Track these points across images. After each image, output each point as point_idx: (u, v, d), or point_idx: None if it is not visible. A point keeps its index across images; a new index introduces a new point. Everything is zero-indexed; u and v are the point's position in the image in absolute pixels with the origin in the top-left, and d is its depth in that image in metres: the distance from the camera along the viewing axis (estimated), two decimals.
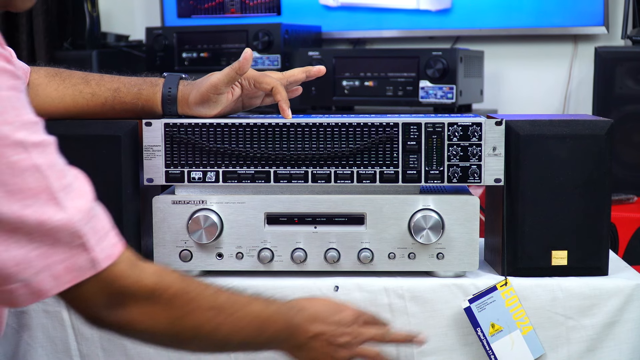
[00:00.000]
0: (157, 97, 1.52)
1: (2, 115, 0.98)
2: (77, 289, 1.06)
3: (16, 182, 0.99)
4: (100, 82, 1.53)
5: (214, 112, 1.51)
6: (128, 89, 1.53)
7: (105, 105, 1.52)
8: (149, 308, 1.12)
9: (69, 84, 1.52)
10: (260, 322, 1.22)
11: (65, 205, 1.03)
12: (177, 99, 1.52)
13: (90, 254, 1.05)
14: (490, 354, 1.47)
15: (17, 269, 1.02)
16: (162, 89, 1.52)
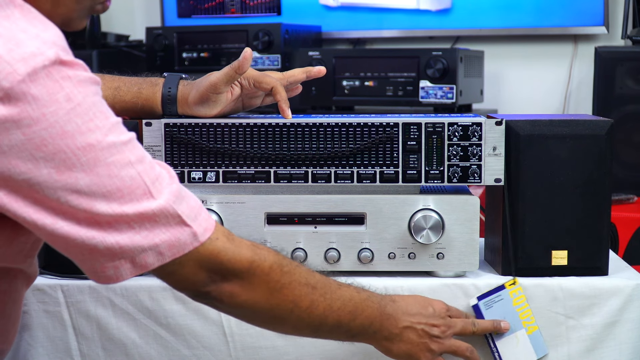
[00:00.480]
0: (156, 97, 1.53)
1: (93, 121, 1.05)
2: (180, 267, 1.13)
3: (114, 182, 1.06)
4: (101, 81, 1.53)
5: (213, 112, 1.51)
6: (128, 88, 1.53)
7: None
8: (248, 281, 1.18)
9: None
10: (354, 305, 1.28)
11: (159, 193, 1.09)
12: (176, 98, 1.52)
13: (190, 228, 1.11)
14: (495, 352, 1.47)
15: (122, 250, 1.08)
16: (162, 88, 1.52)
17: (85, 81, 1.05)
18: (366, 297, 1.32)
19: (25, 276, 1.25)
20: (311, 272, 1.25)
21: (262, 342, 1.51)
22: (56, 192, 1.03)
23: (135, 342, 1.52)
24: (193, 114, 1.52)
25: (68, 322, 1.52)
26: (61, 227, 1.05)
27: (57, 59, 1.02)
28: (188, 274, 1.14)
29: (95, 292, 1.51)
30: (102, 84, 1.53)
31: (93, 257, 1.08)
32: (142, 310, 1.51)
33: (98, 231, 1.07)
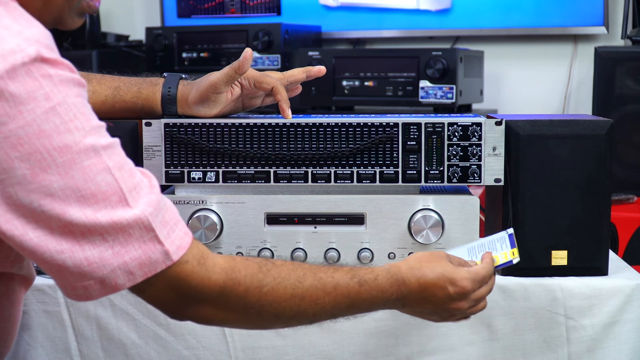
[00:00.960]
0: (156, 97, 1.52)
1: (72, 121, 1.01)
2: (149, 286, 1.08)
3: (89, 186, 1.02)
4: (101, 81, 1.54)
5: (213, 112, 1.51)
6: (128, 87, 1.53)
7: (105, 103, 1.53)
8: (220, 305, 1.13)
9: None
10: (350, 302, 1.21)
11: (136, 202, 1.05)
12: (176, 98, 1.52)
13: (163, 247, 1.07)
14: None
15: (91, 268, 1.04)
16: (161, 88, 1.52)
17: (67, 81, 1.02)
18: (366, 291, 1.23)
19: (22, 279, 1.24)
20: (300, 280, 1.18)
21: (262, 342, 1.51)
22: (29, 195, 1.00)
23: (135, 342, 1.52)
24: (193, 113, 1.52)
25: (68, 322, 1.52)
26: (30, 239, 1.02)
27: (38, 56, 0.99)
28: (158, 294, 1.10)
29: None
30: (102, 84, 1.53)
31: (62, 275, 1.05)
32: (142, 310, 1.51)
33: (69, 243, 1.03)
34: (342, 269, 1.22)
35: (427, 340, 1.51)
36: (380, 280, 1.23)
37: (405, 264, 1.26)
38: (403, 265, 1.26)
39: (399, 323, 1.51)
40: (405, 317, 1.50)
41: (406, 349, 1.51)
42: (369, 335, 1.51)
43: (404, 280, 1.25)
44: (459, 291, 1.26)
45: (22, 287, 1.26)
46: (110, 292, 1.06)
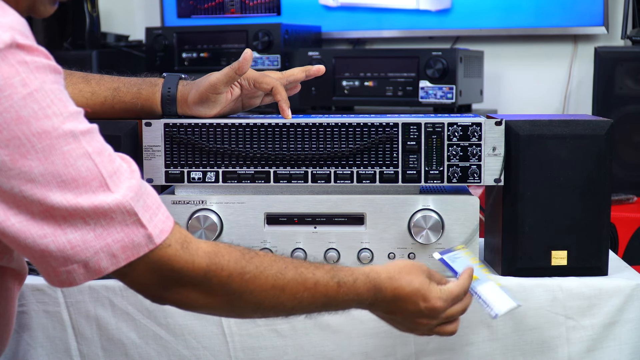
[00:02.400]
0: (156, 97, 1.52)
1: (50, 107, 1.02)
2: (132, 270, 1.09)
3: (69, 171, 1.03)
4: (100, 82, 1.54)
5: (213, 112, 1.51)
6: (128, 88, 1.53)
7: (104, 104, 1.53)
8: (202, 289, 1.13)
9: (69, 82, 1.53)
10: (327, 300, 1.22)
11: (117, 187, 1.06)
12: (176, 98, 1.52)
13: (146, 230, 1.07)
14: (477, 295, 1.37)
15: (74, 251, 1.04)
16: (161, 88, 1.52)
17: (43, 67, 1.02)
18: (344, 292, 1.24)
19: (14, 273, 1.24)
20: (282, 272, 1.18)
21: (262, 342, 1.51)
22: (10, 181, 1.00)
23: (135, 342, 1.52)
24: (192, 114, 1.52)
25: (67, 322, 1.52)
26: (12, 224, 1.02)
27: (13, 42, 0.99)
28: (140, 277, 1.10)
29: (95, 292, 1.51)
30: (101, 85, 1.53)
31: (45, 260, 1.05)
32: (142, 310, 1.51)
33: (51, 227, 1.03)
34: (323, 267, 1.23)
35: (427, 340, 1.51)
36: (359, 284, 1.25)
37: (385, 272, 1.28)
38: (383, 273, 1.28)
39: None
40: None
41: (406, 349, 1.51)
42: (369, 336, 1.51)
43: (380, 288, 1.26)
44: (430, 308, 1.28)
45: (15, 283, 1.25)
46: (94, 277, 1.06)
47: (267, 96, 1.57)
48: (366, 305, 1.27)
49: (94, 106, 1.53)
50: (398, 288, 1.27)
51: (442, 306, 1.29)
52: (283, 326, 1.51)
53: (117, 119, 1.53)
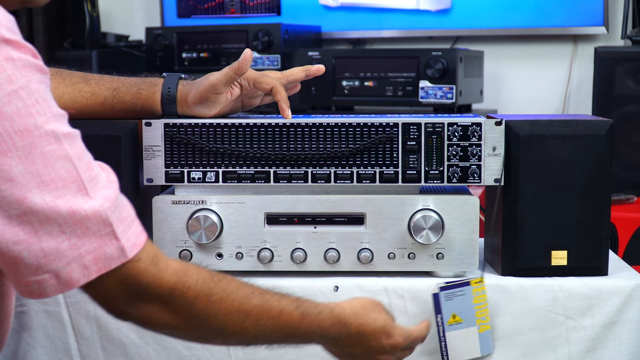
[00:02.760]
0: (156, 97, 1.52)
1: (34, 106, 1.00)
2: (100, 282, 1.07)
3: (49, 172, 1.01)
4: (100, 82, 1.54)
5: (212, 112, 1.51)
6: (127, 88, 1.53)
7: (104, 104, 1.53)
8: (167, 307, 1.12)
9: (69, 82, 1.53)
10: (291, 331, 1.21)
11: (94, 194, 1.04)
12: (176, 98, 1.52)
13: (119, 242, 1.06)
14: (442, 341, 1.48)
15: (47, 260, 1.03)
16: (161, 88, 1.52)
17: (30, 66, 1.01)
18: (308, 325, 1.23)
19: None
20: (248, 297, 1.17)
21: None
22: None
23: (135, 342, 1.52)
24: (192, 114, 1.52)
25: (68, 322, 1.52)
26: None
27: (1, 38, 0.98)
28: (107, 290, 1.09)
29: None
30: (101, 85, 1.53)
31: (16, 268, 1.04)
32: None
33: (26, 234, 1.02)
34: (289, 297, 1.23)
35: (427, 340, 1.50)
36: (323, 317, 1.25)
37: (350, 308, 1.29)
38: (348, 309, 1.28)
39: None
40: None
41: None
42: None
43: (345, 323, 1.27)
44: (392, 344, 1.31)
45: None
46: (64, 289, 1.05)
47: (267, 96, 1.57)
48: (328, 339, 1.27)
49: (93, 106, 1.53)
50: (363, 324, 1.28)
51: (403, 343, 1.32)
52: None
53: (117, 119, 1.53)
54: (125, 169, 1.51)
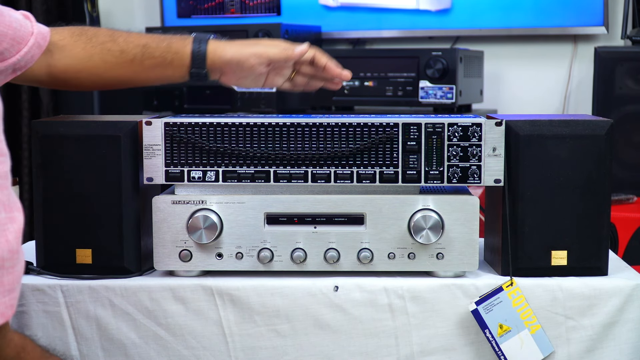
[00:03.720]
0: (186, 50, 1.52)
1: None
2: None
3: None
4: (128, 39, 1.52)
5: (240, 82, 1.52)
6: (157, 43, 1.52)
7: (133, 61, 1.52)
8: None
9: (96, 42, 1.51)
10: None
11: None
12: (206, 55, 1.51)
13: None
14: (500, 354, 1.47)
15: None
16: (191, 43, 1.52)
17: None
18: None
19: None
20: None
21: (262, 342, 1.51)
22: None
23: (135, 343, 1.52)
24: (223, 74, 1.52)
25: (67, 322, 1.52)
26: None
27: None
28: None
29: (95, 292, 1.51)
30: (130, 43, 1.51)
31: None
32: (142, 310, 1.51)
33: None
34: None
35: (427, 340, 1.51)
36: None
37: None
38: None
39: (398, 323, 1.51)
40: (406, 317, 1.50)
41: (406, 349, 1.51)
42: (369, 335, 1.51)
43: None
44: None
45: None
46: None
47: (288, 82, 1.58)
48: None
49: (123, 64, 1.52)
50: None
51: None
52: (283, 326, 1.51)
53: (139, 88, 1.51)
54: (125, 168, 1.51)
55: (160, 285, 1.51)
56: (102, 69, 1.51)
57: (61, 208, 1.52)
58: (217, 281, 1.51)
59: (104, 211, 1.51)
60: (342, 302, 1.50)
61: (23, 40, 1.42)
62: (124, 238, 1.52)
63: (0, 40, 1.37)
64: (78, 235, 1.52)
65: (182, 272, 1.53)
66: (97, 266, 1.53)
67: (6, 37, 1.37)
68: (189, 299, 1.50)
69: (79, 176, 1.51)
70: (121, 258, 1.53)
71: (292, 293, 1.50)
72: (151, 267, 1.55)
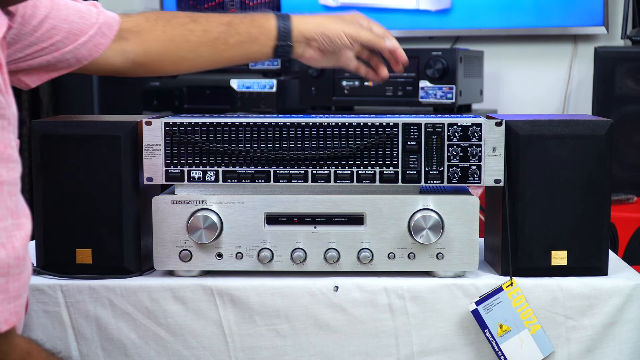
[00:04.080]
0: (271, 24, 1.51)
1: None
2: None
3: None
4: (209, 19, 1.52)
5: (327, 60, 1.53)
6: (240, 19, 1.51)
7: (218, 39, 1.51)
8: None
9: (176, 24, 1.50)
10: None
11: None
12: (291, 27, 1.51)
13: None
14: (500, 354, 1.47)
15: None
16: (275, 17, 1.51)
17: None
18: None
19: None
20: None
21: (262, 342, 1.51)
22: None
23: (135, 343, 1.52)
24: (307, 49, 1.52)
25: (67, 322, 1.52)
26: None
27: None
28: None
29: (95, 292, 1.51)
30: (211, 22, 1.51)
31: None
32: (142, 310, 1.51)
33: None
34: None
35: (427, 340, 1.51)
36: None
37: None
38: None
39: (399, 323, 1.51)
40: (405, 317, 1.50)
41: (406, 349, 1.51)
42: (369, 335, 1.51)
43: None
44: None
45: None
46: None
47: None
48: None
49: (207, 42, 1.51)
50: None
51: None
52: (283, 326, 1.51)
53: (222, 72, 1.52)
54: (125, 168, 1.51)
55: (160, 285, 1.51)
56: (185, 49, 1.50)
57: (61, 208, 1.52)
58: (217, 281, 1.51)
59: (104, 211, 1.51)
60: (342, 302, 1.50)
61: (81, 31, 1.42)
62: (124, 238, 1.52)
63: (54, 33, 1.38)
64: (78, 235, 1.52)
65: (182, 272, 1.53)
66: (97, 266, 1.53)
67: (61, 30, 1.39)
68: (189, 299, 1.50)
69: (79, 176, 1.51)
70: (121, 258, 1.53)
71: (292, 293, 1.50)
72: (151, 267, 1.55)
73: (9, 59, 1.37)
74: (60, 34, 1.40)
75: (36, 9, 1.36)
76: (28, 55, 1.39)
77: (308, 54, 1.54)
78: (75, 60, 1.43)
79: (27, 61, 1.39)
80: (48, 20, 1.38)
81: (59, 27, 1.39)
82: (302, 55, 1.54)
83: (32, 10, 1.35)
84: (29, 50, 1.38)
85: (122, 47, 1.48)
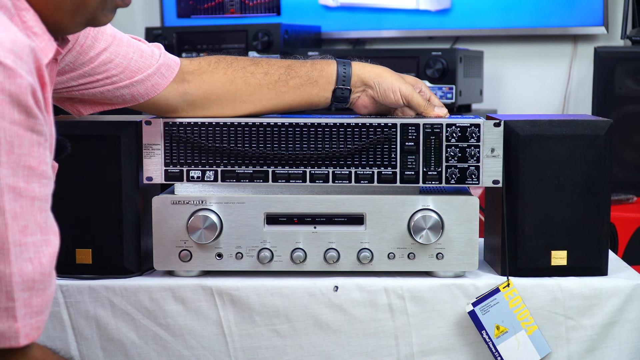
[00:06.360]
0: (332, 68, 1.53)
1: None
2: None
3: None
4: (270, 62, 1.54)
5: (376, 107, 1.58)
6: (300, 63, 1.54)
7: (278, 82, 1.52)
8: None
9: (237, 67, 1.53)
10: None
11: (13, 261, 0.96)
12: (352, 72, 1.54)
13: (15, 323, 0.98)
14: (497, 355, 1.47)
15: None
16: (336, 64, 1.54)
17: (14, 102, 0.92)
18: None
19: None
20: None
21: (262, 342, 1.51)
22: None
23: (135, 343, 1.52)
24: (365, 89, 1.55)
25: (67, 322, 1.52)
26: None
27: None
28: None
29: (95, 292, 1.51)
30: (272, 66, 1.54)
31: None
32: (142, 310, 1.51)
33: None
34: None
35: (426, 340, 1.51)
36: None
37: None
38: None
39: (398, 323, 1.51)
40: (405, 317, 1.50)
41: (406, 349, 1.51)
42: (368, 335, 1.51)
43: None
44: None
45: None
46: None
47: None
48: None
49: (267, 85, 1.53)
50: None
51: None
52: (283, 326, 1.51)
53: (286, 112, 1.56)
54: (125, 168, 1.51)
55: (160, 285, 1.51)
56: (245, 92, 1.52)
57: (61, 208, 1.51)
58: (217, 281, 1.51)
59: (104, 211, 1.51)
60: (342, 302, 1.50)
61: (139, 69, 1.45)
62: (124, 238, 1.52)
63: (111, 67, 1.42)
64: (78, 235, 1.52)
65: (182, 272, 1.53)
66: (97, 266, 1.53)
67: (118, 65, 1.43)
68: (189, 299, 1.50)
69: (79, 176, 1.51)
70: (121, 258, 1.53)
71: (292, 293, 1.50)
72: (151, 267, 1.56)
73: (63, 85, 1.40)
74: (116, 69, 1.43)
75: (96, 40, 1.40)
76: (82, 85, 1.42)
77: (361, 100, 1.56)
78: (130, 96, 1.46)
79: (81, 90, 1.43)
80: (106, 53, 1.41)
81: (117, 62, 1.43)
82: (356, 100, 1.56)
83: (92, 42, 1.39)
84: (83, 80, 1.41)
85: (183, 89, 1.50)
